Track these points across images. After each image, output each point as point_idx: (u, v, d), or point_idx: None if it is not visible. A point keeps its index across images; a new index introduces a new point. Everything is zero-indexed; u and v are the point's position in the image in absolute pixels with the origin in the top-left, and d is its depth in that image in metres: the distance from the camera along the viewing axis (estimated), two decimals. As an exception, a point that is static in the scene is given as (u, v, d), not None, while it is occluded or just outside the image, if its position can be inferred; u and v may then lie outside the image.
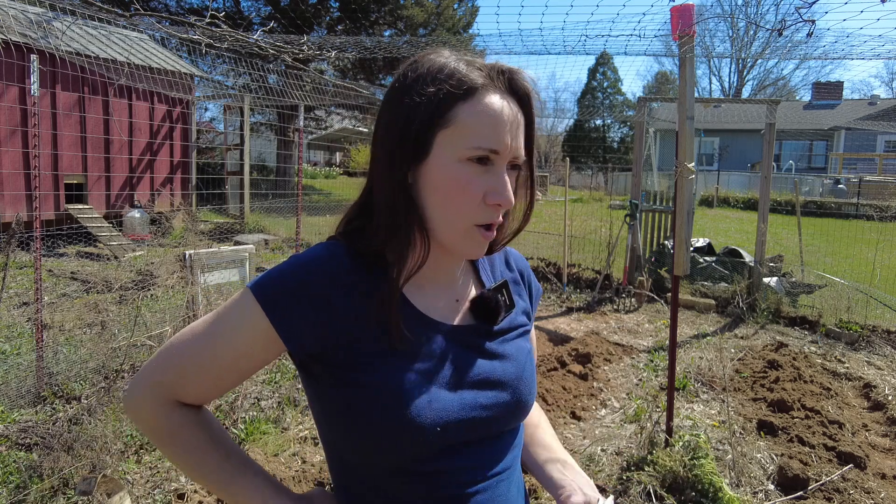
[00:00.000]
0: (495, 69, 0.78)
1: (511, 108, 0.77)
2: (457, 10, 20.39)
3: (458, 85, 0.75)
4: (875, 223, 9.18)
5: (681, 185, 2.71)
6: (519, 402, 0.84)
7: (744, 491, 2.76)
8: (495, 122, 0.75)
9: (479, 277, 0.91)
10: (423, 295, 0.83)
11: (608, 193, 20.09)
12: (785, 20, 2.90)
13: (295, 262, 0.77)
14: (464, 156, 0.75)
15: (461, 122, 0.75)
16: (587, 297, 6.63)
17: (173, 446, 0.81)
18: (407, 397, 0.74)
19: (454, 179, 0.75)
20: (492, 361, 0.83)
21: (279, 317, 0.74)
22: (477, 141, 0.75)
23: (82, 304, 5.07)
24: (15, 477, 2.55)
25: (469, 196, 0.76)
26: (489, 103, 0.76)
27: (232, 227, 10.46)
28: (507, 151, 0.76)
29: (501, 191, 0.76)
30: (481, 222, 0.77)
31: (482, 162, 0.76)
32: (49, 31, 6.57)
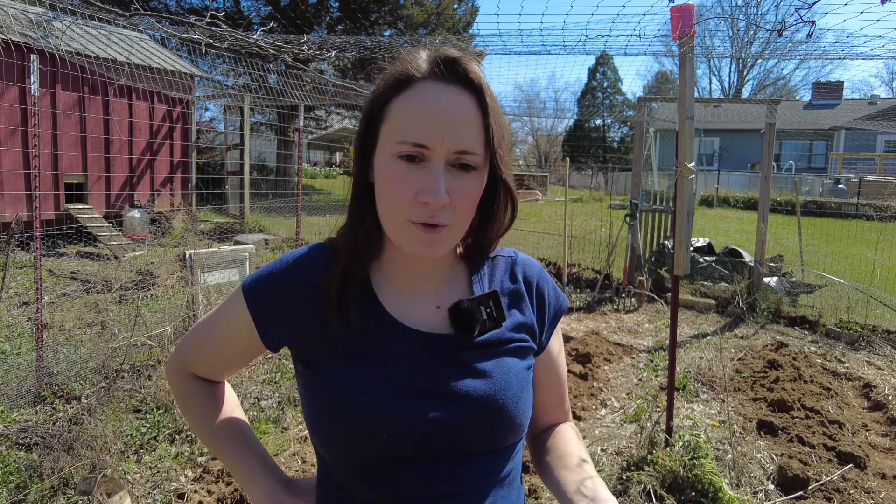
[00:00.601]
0: (438, 57, 0.73)
1: (453, 100, 0.71)
2: (457, 10, 20.39)
3: (396, 77, 0.73)
4: (875, 223, 9.18)
5: (681, 185, 2.71)
6: (492, 423, 0.76)
7: (744, 491, 2.76)
8: (424, 114, 0.70)
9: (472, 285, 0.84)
10: (398, 299, 0.80)
11: (608, 193, 20.10)
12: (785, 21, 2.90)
13: (279, 261, 0.83)
14: (394, 151, 0.71)
15: (394, 117, 0.72)
16: (587, 297, 6.63)
17: (185, 410, 0.93)
18: (356, 399, 0.73)
19: (387, 176, 0.72)
20: (464, 376, 0.76)
21: (257, 313, 0.80)
22: (403, 135, 0.71)
23: (82, 303, 5.07)
24: (15, 477, 2.55)
25: (400, 193, 0.71)
26: (421, 95, 0.71)
27: (232, 227, 10.46)
28: (441, 146, 0.70)
29: (431, 188, 0.69)
30: (415, 220, 0.71)
31: (412, 159, 0.71)
32: (49, 31, 6.57)
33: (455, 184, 0.72)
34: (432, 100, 0.71)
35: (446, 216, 0.72)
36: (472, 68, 0.74)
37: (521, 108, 43.54)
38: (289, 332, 0.80)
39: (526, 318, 0.86)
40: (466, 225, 0.77)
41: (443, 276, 0.84)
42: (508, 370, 0.80)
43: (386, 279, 0.82)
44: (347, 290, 0.78)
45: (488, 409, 0.76)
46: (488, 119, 0.73)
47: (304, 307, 0.79)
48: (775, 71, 37.76)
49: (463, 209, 0.74)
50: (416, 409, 0.73)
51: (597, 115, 35.79)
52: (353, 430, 0.72)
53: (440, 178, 0.70)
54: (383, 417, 0.72)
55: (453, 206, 0.72)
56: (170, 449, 2.94)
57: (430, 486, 0.75)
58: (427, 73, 0.73)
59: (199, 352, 0.90)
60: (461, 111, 0.71)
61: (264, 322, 0.80)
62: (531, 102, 45.53)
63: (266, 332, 0.81)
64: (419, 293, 0.82)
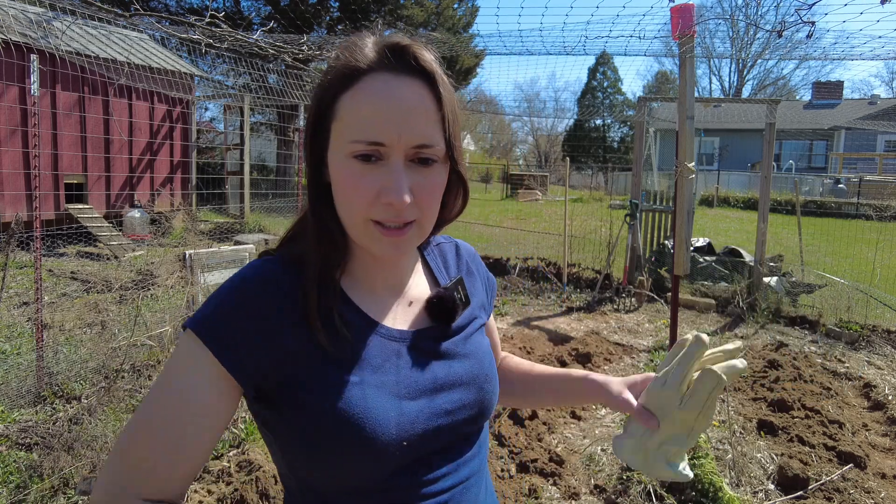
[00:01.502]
0: (387, 46, 0.68)
1: (407, 91, 0.67)
2: (457, 10, 20.39)
3: (342, 71, 0.68)
4: (875, 223, 9.18)
5: (681, 185, 2.71)
6: (483, 401, 0.80)
7: (744, 490, 2.76)
8: (376, 110, 0.65)
9: (434, 276, 0.86)
10: (373, 300, 0.78)
11: (608, 193, 20.10)
12: (785, 21, 2.90)
13: (229, 286, 0.70)
14: (348, 151, 0.67)
15: (345, 114, 0.67)
16: (587, 297, 6.63)
17: None
18: (366, 415, 0.67)
19: (344, 177, 0.68)
20: (451, 362, 0.78)
21: (223, 348, 0.65)
22: (356, 134, 0.66)
23: (82, 303, 5.07)
24: (15, 477, 2.56)
25: (360, 195, 0.67)
26: (372, 89, 0.66)
27: (232, 227, 10.46)
28: (398, 141, 0.66)
29: (394, 189, 0.65)
30: (377, 219, 0.68)
31: (368, 158, 0.66)
32: (49, 31, 6.57)
33: (417, 179, 0.68)
34: (384, 94, 0.66)
35: (412, 213, 0.69)
36: (424, 55, 0.69)
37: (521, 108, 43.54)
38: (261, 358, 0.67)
39: (481, 296, 0.91)
40: (434, 219, 0.74)
41: (407, 270, 0.83)
42: (482, 347, 0.84)
43: (356, 282, 0.78)
44: (325, 299, 0.71)
45: (480, 388, 0.79)
46: (444, 109, 0.69)
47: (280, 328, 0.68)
48: (775, 71, 37.78)
49: (428, 204, 0.70)
50: (427, 408, 0.73)
51: (597, 114, 35.80)
52: (370, 446, 0.66)
53: (401, 176, 0.66)
54: (400, 426, 0.68)
55: (418, 203, 0.69)
56: (170, 449, 2.94)
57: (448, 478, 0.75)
58: (375, 64, 0.67)
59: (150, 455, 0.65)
60: (416, 103, 0.67)
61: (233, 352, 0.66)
62: (531, 102, 45.54)
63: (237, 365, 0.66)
64: (390, 291, 0.80)
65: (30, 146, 8.03)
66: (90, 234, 8.53)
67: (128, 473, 0.65)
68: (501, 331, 5.34)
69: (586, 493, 2.74)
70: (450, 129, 0.70)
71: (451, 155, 0.71)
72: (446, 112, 0.69)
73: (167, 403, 0.65)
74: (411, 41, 0.69)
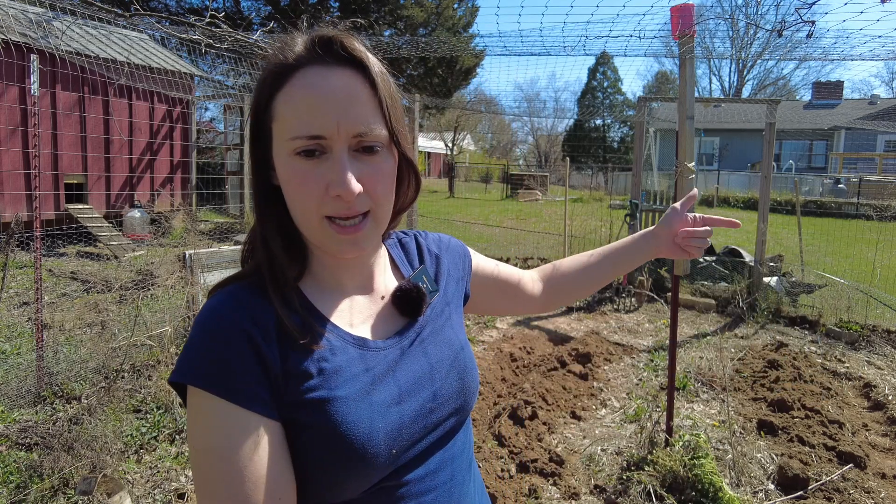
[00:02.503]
0: (313, 39, 0.68)
1: (339, 81, 0.66)
2: (457, 9, 20.39)
3: (273, 70, 0.67)
4: (875, 223, 9.18)
5: (681, 185, 2.71)
6: (464, 390, 0.79)
7: (744, 490, 2.76)
8: (311, 104, 0.65)
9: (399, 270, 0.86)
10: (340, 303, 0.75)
11: (608, 193, 20.10)
12: (785, 21, 2.90)
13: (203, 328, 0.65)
14: (290, 149, 0.66)
15: (281, 113, 0.66)
16: (587, 297, 6.63)
17: None
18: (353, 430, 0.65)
19: (290, 176, 0.67)
20: (428, 357, 0.77)
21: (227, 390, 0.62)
22: (295, 130, 0.65)
23: (82, 303, 5.07)
24: (15, 477, 2.55)
25: (309, 192, 0.66)
26: (304, 84, 0.66)
27: (232, 227, 10.46)
28: (338, 132, 0.65)
29: (340, 181, 0.64)
30: (329, 213, 0.67)
31: (311, 154, 0.65)
32: (49, 31, 6.57)
33: (364, 169, 0.67)
34: (317, 86, 0.65)
35: (364, 203, 0.68)
36: (351, 44, 0.68)
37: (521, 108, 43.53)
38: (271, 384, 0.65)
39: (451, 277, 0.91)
40: (389, 208, 0.73)
41: (374, 267, 0.81)
42: (458, 335, 0.84)
43: (323, 286, 0.76)
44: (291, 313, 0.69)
45: (466, 373, 0.80)
46: (379, 94, 0.68)
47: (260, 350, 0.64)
48: (775, 71, 37.79)
49: (380, 193, 0.69)
50: (410, 410, 0.71)
51: (597, 115, 35.79)
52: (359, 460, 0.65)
53: (345, 167, 0.65)
54: (388, 433, 0.67)
55: (369, 193, 0.68)
56: (170, 449, 2.94)
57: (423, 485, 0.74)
58: (305, 59, 0.67)
59: None
60: (350, 91, 0.66)
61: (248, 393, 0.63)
62: (531, 102, 45.54)
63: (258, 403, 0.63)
64: (359, 290, 0.78)
65: (30, 146, 8.03)
66: (90, 234, 8.53)
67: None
68: (501, 330, 5.35)
69: (586, 493, 2.74)
70: (389, 113, 0.69)
71: (396, 140, 0.70)
72: (383, 96, 0.68)
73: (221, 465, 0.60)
74: (337, 32, 0.68)
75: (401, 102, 0.74)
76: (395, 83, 0.74)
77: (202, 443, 0.61)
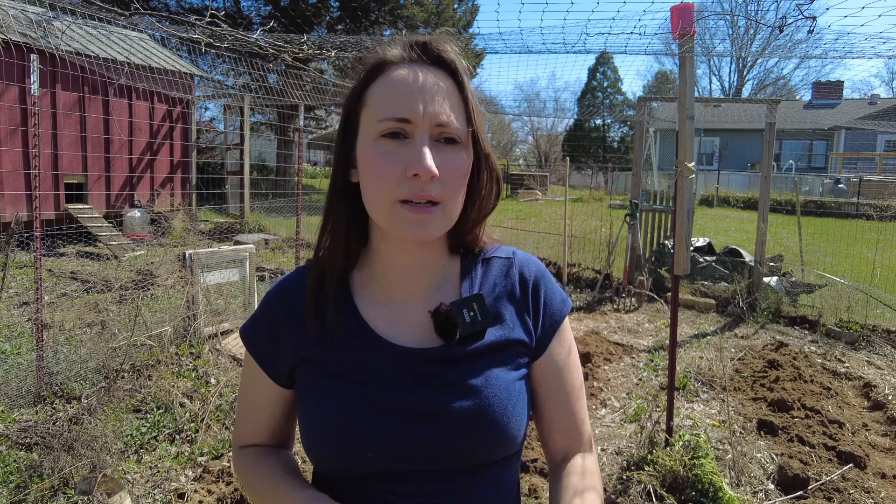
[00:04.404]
0: (409, 42, 0.75)
1: (428, 77, 0.72)
2: (457, 9, 20.39)
3: (370, 65, 0.75)
4: (875, 223, 9.18)
5: (681, 185, 2.71)
6: (481, 440, 0.73)
7: (744, 490, 2.76)
8: (402, 91, 0.71)
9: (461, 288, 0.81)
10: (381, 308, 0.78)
11: (608, 193, 20.08)
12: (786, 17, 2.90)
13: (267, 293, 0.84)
14: (377, 131, 0.71)
15: (373, 100, 0.73)
16: (587, 297, 6.63)
17: (242, 484, 0.92)
18: (340, 417, 0.73)
19: (372, 157, 0.71)
20: (450, 393, 0.73)
21: (257, 351, 0.82)
22: (384, 112, 0.71)
23: (82, 303, 5.07)
24: (15, 476, 2.55)
25: (387, 172, 0.70)
26: (397, 75, 0.72)
27: (232, 227, 10.46)
28: (423, 118, 0.70)
29: (418, 160, 0.68)
30: (404, 197, 0.69)
31: (396, 136, 0.70)
32: (49, 31, 6.57)
33: (441, 157, 0.70)
34: (409, 77, 0.72)
35: (436, 189, 0.70)
36: (445, 48, 0.75)
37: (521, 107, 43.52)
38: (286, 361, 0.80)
39: (519, 322, 0.80)
40: (459, 203, 0.74)
41: (430, 280, 0.80)
42: (498, 383, 0.75)
43: (367, 287, 0.80)
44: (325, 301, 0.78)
45: (475, 426, 0.72)
46: (466, 94, 0.73)
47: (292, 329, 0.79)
48: (775, 71, 37.78)
49: (452, 184, 0.72)
50: (400, 429, 0.71)
51: (597, 114, 35.79)
52: (338, 447, 0.73)
53: (426, 149, 0.69)
54: (367, 436, 0.72)
55: (443, 181, 0.70)
56: (170, 449, 2.94)
57: (416, 500, 0.73)
58: (399, 58, 0.74)
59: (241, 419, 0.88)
60: (438, 86, 0.72)
61: (262, 355, 0.82)
62: (531, 102, 45.52)
63: (270, 367, 0.81)
64: (404, 300, 0.79)
65: (30, 146, 8.02)
66: (90, 233, 8.53)
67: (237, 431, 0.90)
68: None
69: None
70: (473, 115, 0.74)
71: (478, 138, 0.75)
72: (469, 96, 0.74)
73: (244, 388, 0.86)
74: (432, 37, 0.75)
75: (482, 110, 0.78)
76: None
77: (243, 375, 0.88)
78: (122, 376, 3.49)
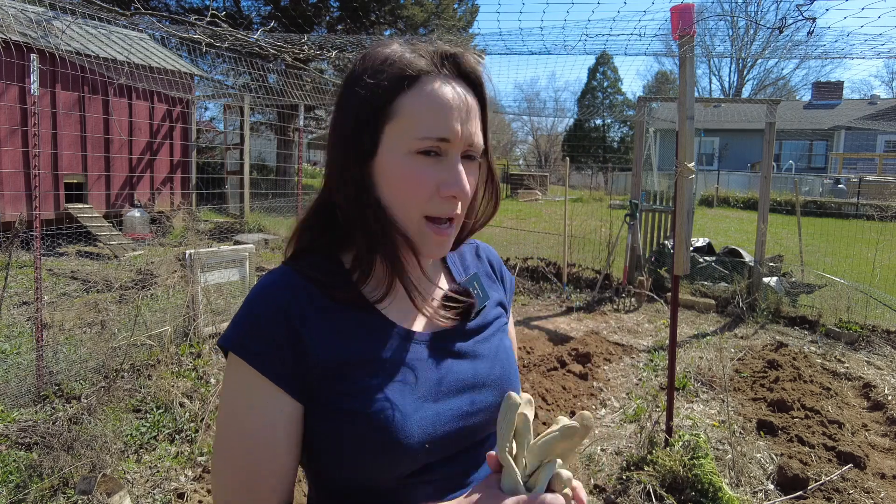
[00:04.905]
0: (439, 53, 0.74)
1: (460, 94, 0.72)
2: (457, 9, 20.39)
3: (400, 74, 0.71)
4: (875, 223, 9.18)
5: (681, 185, 2.71)
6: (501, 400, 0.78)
7: (743, 490, 2.76)
8: (441, 109, 0.70)
9: (451, 274, 0.88)
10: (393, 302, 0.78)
11: (608, 193, 20.08)
12: (786, 17, 2.90)
13: (252, 302, 0.72)
14: (412, 148, 0.70)
15: (406, 114, 0.71)
16: (587, 297, 6.63)
17: None
18: (391, 417, 0.68)
19: (405, 173, 0.71)
20: (472, 363, 0.78)
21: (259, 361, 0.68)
22: (424, 131, 0.70)
23: (82, 303, 5.07)
24: (15, 476, 2.55)
25: (422, 189, 0.71)
26: (434, 90, 0.71)
27: (232, 227, 10.45)
28: (459, 139, 0.71)
29: (456, 181, 0.71)
30: (433, 213, 0.72)
31: (432, 154, 0.71)
32: (49, 31, 6.57)
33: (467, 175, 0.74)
34: (446, 95, 0.71)
35: (458, 207, 0.74)
36: (476, 66, 0.76)
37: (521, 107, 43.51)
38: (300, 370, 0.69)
39: (499, 295, 0.91)
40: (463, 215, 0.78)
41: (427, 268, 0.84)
42: (505, 348, 0.84)
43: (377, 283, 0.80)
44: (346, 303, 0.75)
45: (502, 388, 0.79)
46: (486, 112, 0.76)
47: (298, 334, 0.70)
48: (775, 71, 37.76)
49: (467, 200, 0.75)
50: (448, 410, 0.73)
51: (597, 114, 35.78)
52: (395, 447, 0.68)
53: (461, 170, 0.72)
54: (422, 428, 0.70)
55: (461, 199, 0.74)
56: (170, 448, 2.94)
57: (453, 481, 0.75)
58: (430, 69, 0.73)
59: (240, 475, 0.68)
60: (469, 105, 0.73)
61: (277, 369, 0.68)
62: (531, 102, 45.49)
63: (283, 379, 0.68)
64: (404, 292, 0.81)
65: (30, 146, 8.02)
66: (90, 233, 8.52)
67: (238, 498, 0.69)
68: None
69: (586, 493, 2.74)
70: (487, 130, 0.77)
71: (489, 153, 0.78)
72: (487, 114, 0.77)
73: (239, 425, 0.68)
74: (461, 49, 0.76)
75: None
76: None
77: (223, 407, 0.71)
78: (122, 376, 3.49)
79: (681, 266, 2.78)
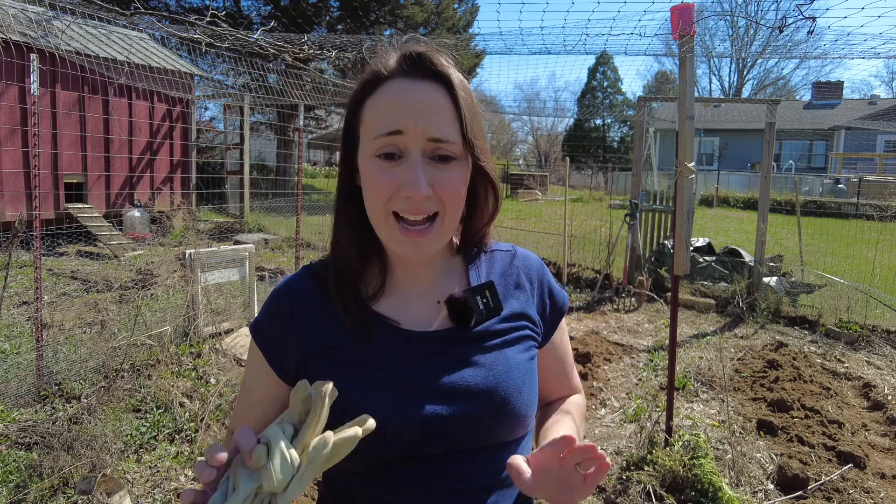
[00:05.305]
0: (405, 54, 0.74)
1: (422, 92, 0.72)
2: (457, 9, 20.38)
3: (367, 79, 0.75)
4: (875, 223, 9.18)
5: (681, 185, 2.71)
6: (494, 416, 0.75)
7: (743, 490, 2.76)
8: (393, 105, 0.71)
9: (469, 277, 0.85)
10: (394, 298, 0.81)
11: (608, 193, 20.07)
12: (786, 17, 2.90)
13: (272, 293, 0.85)
14: (373, 150, 0.72)
15: (368, 116, 0.74)
16: (587, 297, 6.63)
17: None
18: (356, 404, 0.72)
19: (368, 175, 0.73)
20: (463, 370, 0.76)
21: (264, 344, 0.82)
22: (379, 129, 0.71)
23: (82, 303, 5.07)
24: (15, 476, 2.55)
25: (381, 190, 0.72)
26: (391, 90, 0.72)
27: (232, 227, 10.46)
28: (413, 131, 0.70)
29: (411, 181, 0.70)
30: (397, 209, 0.72)
31: (391, 157, 0.71)
32: (49, 30, 6.57)
33: (437, 175, 0.72)
34: (401, 93, 0.72)
35: (432, 205, 0.72)
36: (438, 60, 0.74)
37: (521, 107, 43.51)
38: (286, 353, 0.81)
39: (525, 308, 0.86)
40: (457, 216, 0.77)
41: (439, 271, 0.84)
42: (509, 361, 0.79)
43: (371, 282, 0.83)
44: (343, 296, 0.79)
45: (489, 401, 0.75)
46: (460, 108, 0.73)
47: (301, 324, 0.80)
48: (775, 71, 37.75)
49: (450, 200, 0.73)
50: (417, 409, 0.73)
51: (597, 114, 35.78)
52: None
53: (419, 170, 0.70)
54: (385, 420, 0.70)
55: (439, 196, 0.72)
56: (170, 448, 2.94)
57: (431, 486, 0.74)
58: (395, 71, 0.73)
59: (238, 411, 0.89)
60: (431, 101, 0.72)
61: (272, 352, 0.81)
62: (531, 102, 45.50)
63: (275, 361, 0.81)
64: (416, 290, 0.82)
65: (30, 146, 8.01)
66: (90, 233, 8.52)
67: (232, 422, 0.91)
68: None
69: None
70: (467, 126, 0.73)
71: (471, 151, 0.74)
72: (462, 109, 0.73)
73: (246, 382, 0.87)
74: (427, 48, 0.75)
75: (481, 118, 0.79)
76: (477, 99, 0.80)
77: None
78: (122, 376, 3.49)
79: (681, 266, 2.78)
